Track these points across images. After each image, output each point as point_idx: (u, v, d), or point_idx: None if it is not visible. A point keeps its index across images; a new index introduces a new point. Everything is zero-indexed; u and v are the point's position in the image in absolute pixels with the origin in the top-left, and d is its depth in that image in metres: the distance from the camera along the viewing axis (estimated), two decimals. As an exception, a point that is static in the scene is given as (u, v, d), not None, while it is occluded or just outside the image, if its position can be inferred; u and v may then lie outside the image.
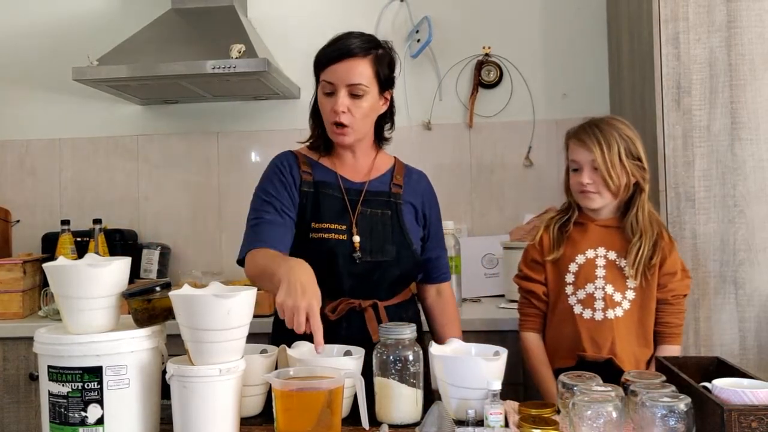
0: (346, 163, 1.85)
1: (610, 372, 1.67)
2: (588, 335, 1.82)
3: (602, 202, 1.86)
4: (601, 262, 1.85)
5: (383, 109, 1.83)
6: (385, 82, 1.79)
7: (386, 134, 1.90)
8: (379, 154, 1.91)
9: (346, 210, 1.79)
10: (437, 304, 1.98)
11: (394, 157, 1.94)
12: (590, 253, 1.87)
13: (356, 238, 1.76)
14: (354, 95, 1.73)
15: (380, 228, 1.80)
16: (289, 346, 1.59)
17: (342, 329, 1.75)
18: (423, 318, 2.00)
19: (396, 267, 1.80)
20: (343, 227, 1.77)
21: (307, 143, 1.89)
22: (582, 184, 1.84)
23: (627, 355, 1.81)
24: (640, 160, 1.84)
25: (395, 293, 1.85)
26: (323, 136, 1.84)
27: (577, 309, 1.85)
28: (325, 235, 1.76)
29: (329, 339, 1.66)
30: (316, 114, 1.85)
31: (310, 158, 1.86)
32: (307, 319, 1.43)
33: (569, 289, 1.86)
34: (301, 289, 1.45)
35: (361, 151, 1.86)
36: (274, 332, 1.89)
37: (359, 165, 1.86)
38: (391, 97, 1.85)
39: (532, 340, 1.92)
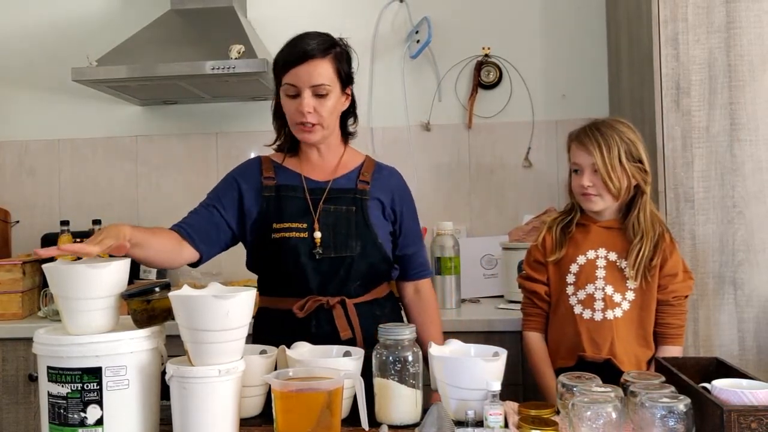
0: (312, 162, 1.86)
1: (610, 372, 1.67)
2: (588, 335, 1.83)
3: (603, 205, 1.86)
4: (601, 262, 1.86)
5: (346, 105, 1.84)
6: (346, 78, 1.80)
7: (350, 129, 1.91)
8: (348, 152, 1.90)
9: (308, 209, 1.80)
10: (416, 302, 1.95)
11: (366, 156, 1.93)
12: (591, 254, 1.87)
13: (317, 234, 1.76)
14: (318, 95, 1.74)
15: (344, 224, 1.79)
16: (274, 346, 1.60)
17: (311, 327, 1.76)
18: (404, 316, 1.98)
19: (362, 261, 1.79)
20: (304, 225, 1.78)
21: (274, 146, 1.90)
22: (583, 187, 1.85)
23: (627, 355, 1.82)
24: (641, 162, 1.84)
25: (367, 290, 1.84)
26: (288, 137, 1.85)
27: (578, 309, 1.85)
28: (286, 234, 1.77)
29: (299, 337, 1.67)
30: (278, 116, 1.86)
31: (276, 162, 1.87)
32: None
33: (570, 290, 1.87)
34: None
35: (328, 149, 1.86)
36: (255, 332, 1.87)
37: (325, 163, 1.86)
38: (352, 93, 1.86)
39: (535, 339, 1.93)
